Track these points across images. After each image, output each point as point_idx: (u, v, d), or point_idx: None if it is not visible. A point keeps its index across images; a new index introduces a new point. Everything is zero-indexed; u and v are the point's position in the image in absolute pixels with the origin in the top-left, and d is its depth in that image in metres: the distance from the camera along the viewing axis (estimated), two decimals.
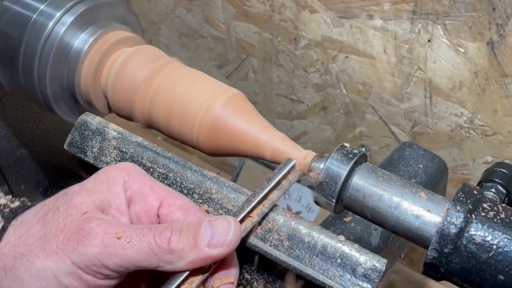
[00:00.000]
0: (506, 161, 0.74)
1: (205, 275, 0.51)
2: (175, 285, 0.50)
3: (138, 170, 0.56)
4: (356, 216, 0.60)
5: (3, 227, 0.51)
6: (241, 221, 0.54)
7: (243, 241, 0.55)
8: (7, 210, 0.54)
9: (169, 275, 0.50)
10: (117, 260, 0.48)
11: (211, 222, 0.51)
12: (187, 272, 0.50)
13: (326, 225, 0.83)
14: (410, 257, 1.25)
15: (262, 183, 0.58)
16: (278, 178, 0.58)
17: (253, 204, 0.56)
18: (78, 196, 0.52)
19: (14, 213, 0.53)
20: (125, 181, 0.54)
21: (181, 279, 0.50)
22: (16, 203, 0.55)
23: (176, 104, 0.66)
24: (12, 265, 0.48)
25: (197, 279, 0.50)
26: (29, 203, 0.55)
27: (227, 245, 0.50)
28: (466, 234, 0.52)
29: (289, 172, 0.59)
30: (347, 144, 0.60)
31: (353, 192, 0.58)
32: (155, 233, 0.49)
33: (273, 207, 0.58)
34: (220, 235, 0.50)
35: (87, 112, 0.67)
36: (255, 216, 0.56)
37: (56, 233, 0.49)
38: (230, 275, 0.52)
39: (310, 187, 1.29)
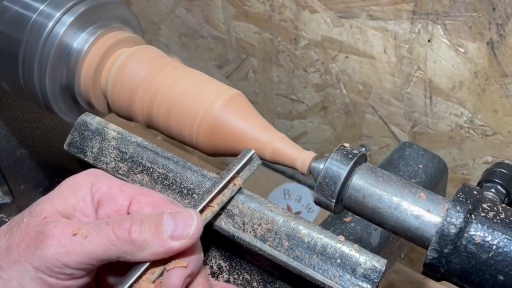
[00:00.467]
0: (506, 161, 0.74)
1: (166, 264, 0.51)
2: (138, 274, 0.50)
3: (105, 174, 0.56)
4: (356, 216, 0.60)
5: None
6: (202, 210, 0.55)
7: (206, 227, 0.56)
8: None
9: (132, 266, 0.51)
10: (77, 258, 0.48)
11: (173, 214, 0.51)
12: (148, 263, 0.50)
13: (326, 225, 0.83)
14: (410, 257, 1.25)
15: (222, 173, 0.58)
16: (237, 168, 0.59)
17: (213, 194, 0.56)
18: (40, 205, 0.52)
19: None
20: (92, 185, 0.53)
21: (143, 268, 0.50)
22: None
23: (176, 104, 0.66)
24: None
25: (159, 269, 0.51)
26: (6, 219, 0.56)
27: (189, 238, 0.50)
28: (466, 235, 0.52)
29: (248, 161, 0.60)
30: (347, 144, 0.60)
31: (353, 192, 0.58)
32: (114, 225, 0.49)
33: (233, 196, 0.58)
34: (183, 227, 0.50)
35: (86, 112, 0.67)
36: (215, 206, 0.57)
37: (19, 242, 0.49)
38: (185, 260, 0.51)
39: (310, 187, 1.29)
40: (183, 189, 0.61)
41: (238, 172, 0.59)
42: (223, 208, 0.58)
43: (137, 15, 0.79)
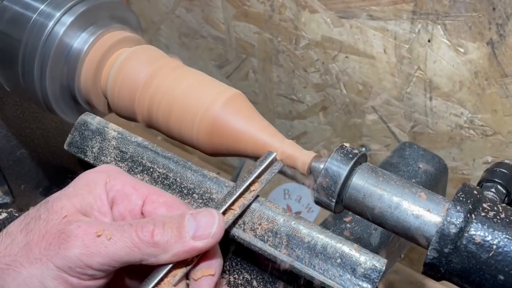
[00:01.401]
0: (506, 161, 0.74)
1: (189, 267, 0.51)
2: (159, 277, 0.50)
3: (118, 171, 0.56)
4: (356, 216, 0.60)
5: None
6: (223, 213, 0.55)
7: (226, 232, 0.56)
8: None
9: (153, 269, 0.51)
10: (100, 259, 0.48)
11: (195, 214, 0.51)
12: (171, 265, 0.50)
13: (326, 225, 0.83)
14: (410, 257, 1.25)
15: (244, 176, 0.58)
16: (259, 171, 0.59)
17: (235, 196, 0.56)
18: (58, 202, 0.52)
19: (2, 225, 0.53)
20: (106, 183, 0.54)
21: (164, 271, 0.50)
22: (4, 215, 0.55)
23: (176, 104, 0.66)
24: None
25: (181, 272, 0.51)
26: (16, 214, 0.56)
27: (212, 237, 0.50)
28: (466, 234, 0.52)
29: (270, 164, 0.60)
30: (347, 144, 0.60)
31: (353, 192, 0.58)
32: (137, 227, 0.49)
33: (256, 198, 0.58)
34: (205, 227, 0.50)
35: (87, 112, 0.67)
36: (236, 209, 0.56)
37: (39, 240, 0.49)
38: (212, 267, 0.52)
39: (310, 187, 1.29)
40: (183, 189, 0.61)
41: (259, 175, 0.59)
42: (244, 211, 0.57)
43: (137, 15, 0.79)
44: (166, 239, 0.49)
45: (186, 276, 0.52)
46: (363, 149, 1.16)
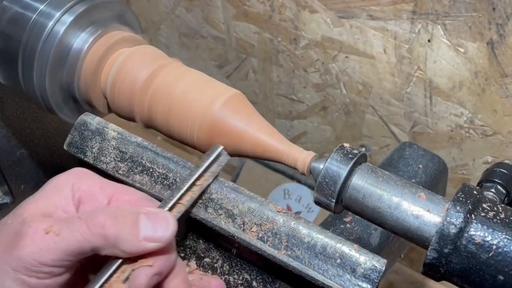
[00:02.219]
0: (506, 161, 0.74)
1: (138, 262, 0.51)
2: (109, 273, 0.50)
3: (87, 173, 0.56)
4: (356, 216, 0.60)
5: None
6: (172, 207, 0.56)
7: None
8: None
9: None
10: (52, 255, 0.48)
11: (149, 215, 0.51)
12: (121, 260, 0.51)
13: (326, 225, 0.83)
14: (410, 257, 1.25)
15: (192, 170, 0.59)
16: (206, 165, 0.59)
17: (183, 191, 0.57)
18: (23, 206, 0.52)
19: None
20: (73, 184, 0.54)
21: (115, 266, 0.50)
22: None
23: (175, 104, 0.66)
24: None
25: (130, 267, 0.51)
26: None
27: (163, 242, 0.50)
28: (466, 234, 0.52)
29: (217, 157, 0.60)
30: (347, 144, 0.60)
31: (352, 192, 0.58)
32: (87, 219, 0.49)
33: (203, 192, 0.59)
34: (158, 230, 0.50)
35: (86, 112, 0.67)
36: (184, 202, 0.57)
37: (0, 245, 0.50)
38: (151, 259, 0.51)
39: (310, 187, 1.29)
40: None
41: (207, 169, 0.59)
42: (193, 205, 0.58)
43: (137, 15, 0.79)
44: (117, 234, 0.49)
45: None
46: (363, 149, 1.16)
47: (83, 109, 0.75)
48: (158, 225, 0.51)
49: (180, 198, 0.57)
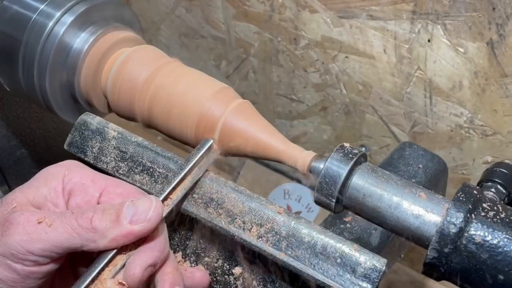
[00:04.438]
0: (506, 161, 0.74)
1: (130, 254, 0.52)
2: (100, 267, 0.51)
3: (79, 165, 0.57)
4: (356, 216, 0.60)
5: None
6: (163, 201, 0.56)
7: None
8: None
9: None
10: (41, 245, 0.49)
11: (134, 201, 0.52)
12: (113, 252, 0.51)
13: (326, 225, 0.83)
14: (410, 257, 1.25)
15: (182, 164, 0.60)
16: (196, 159, 0.60)
17: (173, 185, 0.57)
18: (12, 195, 0.54)
19: None
20: (64, 176, 0.55)
21: (106, 259, 0.51)
22: None
23: (176, 103, 0.66)
24: None
25: (122, 260, 0.52)
26: None
27: (147, 221, 0.51)
28: (466, 234, 0.52)
29: (207, 152, 0.61)
30: (347, 144, 0.60)
31: (353, 192, 0.58)
32: (77, 214, 0.51)
33: (194, 186, 0.60)
34: (141, 212, 0.51)
35: (87, 112, 0.67)
36: (175, 196, 0.58)
37: None
38: (148, 249, 0.53)
39: (310, 187, 1.29)
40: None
41: (197, 163, 0.60)
42: (183, 198, 0.59)
43: (137, 15, 0.79)
44: (104, 224, 0.50)
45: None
46: (363, 149, 1.16)
47: (83, 109, 0.75)
48: (142, 207, 0.52)
49: (170, 192, 0.57)
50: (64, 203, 0.55)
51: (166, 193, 0.57)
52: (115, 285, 0.51)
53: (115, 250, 0.51)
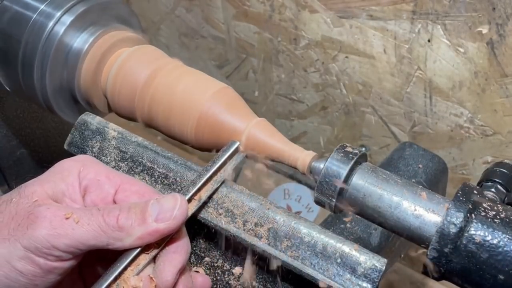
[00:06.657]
0: (506, 161, 0.74)
1: (154, 252, 0.52)
2: (124, 265, 0.51)
3: (94, 161, 0.57)
4: (356, 216, 0.60)
5: None
6: (188, 201, 0.56)
7: (193, 218, 0.57)
8: None
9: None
10: (67, 241, 0.49)
11: (159, 199, 0.52)
12: (138, 250, 0.51)
13: (326, 225, 0.83)
14: (410, 257, 1.25)
15: (207, 165, 0.59)
16: (222, 160, 0.60)
17: (199, 185, 0.57)
18: (30, 187, 0.53)
19: None
20: (80, 171, 0.55)
21: (131, 257, 0.51)
22: None
23: (176, 103, 0.66)
24: None
25: (146, 258, 0.52)
26: None
27: (173, 219, 0.51)
28: (466, 234, 0.52)
29: (233, 154, 0.61)
30: (347, 144, 0.60)
31: (353, 192, 0.58)
32: (104, 212, 0.51)
33: (219, 186, 0.59)
34: (167, 210, 0.52)
35: (87, 112, 0.67)
36: (200, 197, 0.57)
37: (8, 221, 0.50)
38: (177, 249, 0.53)
39: (310, 187, 1.29)
40: (184, 189, 0.61)
41: (222, 165, 0.60)
42: (207, 200, 0.59)
43: (137, 15, 0.79)
44: (130, 222, 0.50)
45: (154, 261, 0.53)
46: (363, 149, 1.16)
47: (83, 109, 0.75)
48: (167, 205, 0.52)
49: (195, 193, 0.57)
50: (81, 199, 0.55)
51: (191, 193, 0.56)
52: (139, 281, 0.51)
53: (138, 249, 0.51)
